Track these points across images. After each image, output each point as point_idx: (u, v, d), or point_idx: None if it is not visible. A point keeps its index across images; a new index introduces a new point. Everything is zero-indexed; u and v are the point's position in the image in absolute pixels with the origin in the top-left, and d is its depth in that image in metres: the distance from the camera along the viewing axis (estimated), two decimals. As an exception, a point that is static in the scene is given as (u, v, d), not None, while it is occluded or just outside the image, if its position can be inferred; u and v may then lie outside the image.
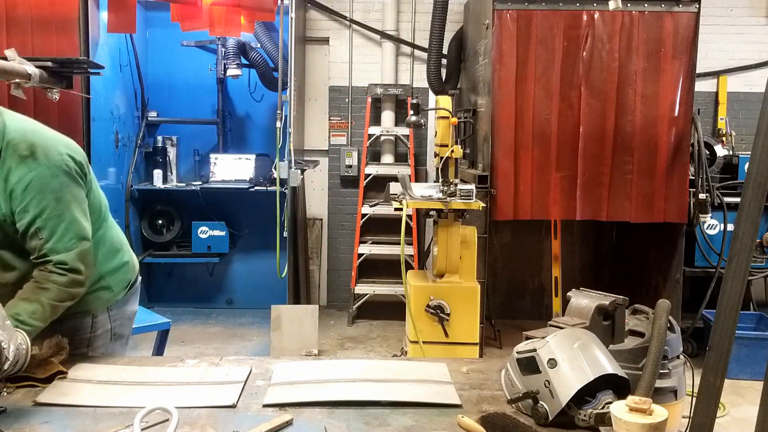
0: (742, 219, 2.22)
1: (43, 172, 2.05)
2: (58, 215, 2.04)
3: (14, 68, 3.31)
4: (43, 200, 2.01)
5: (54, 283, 2.03)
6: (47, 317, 2.04)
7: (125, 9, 4.67)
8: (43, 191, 2.02)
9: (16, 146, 2.05)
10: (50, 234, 2.02)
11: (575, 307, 2.30)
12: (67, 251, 2.04)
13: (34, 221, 2.01)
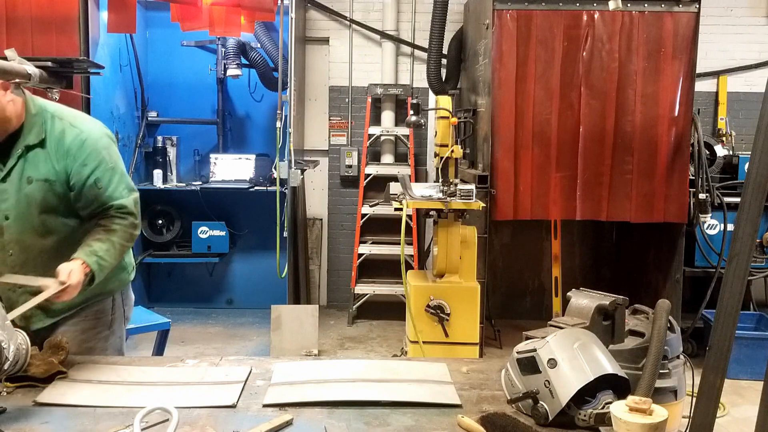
0: (742, 219, 2.22)
1: (93, 133, 2.29)
2: (112, 168, 2.29)
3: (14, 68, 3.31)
4: (98, 155, 2.25)
5: (119, 225, 2.27)
6: (116, 256, 2.26)
7: (125, 9, 4.67)
8: (97, 148, 2.26)
9: (61, 115, 2.28)
10: (108, 183, 2.26)
11: (575, 307, 2.30)
12: (123, 198, 2.29)
13: (93, 173, 2.23)
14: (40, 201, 2.22)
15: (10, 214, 2.21)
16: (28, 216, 2.22)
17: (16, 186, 2.20)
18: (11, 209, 2.21)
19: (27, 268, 2.24)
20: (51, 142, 2.22)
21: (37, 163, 2.21)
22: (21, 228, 2.23)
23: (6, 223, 2.21)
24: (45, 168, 2.21)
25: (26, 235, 2.24)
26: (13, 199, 2.20)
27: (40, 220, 2.24)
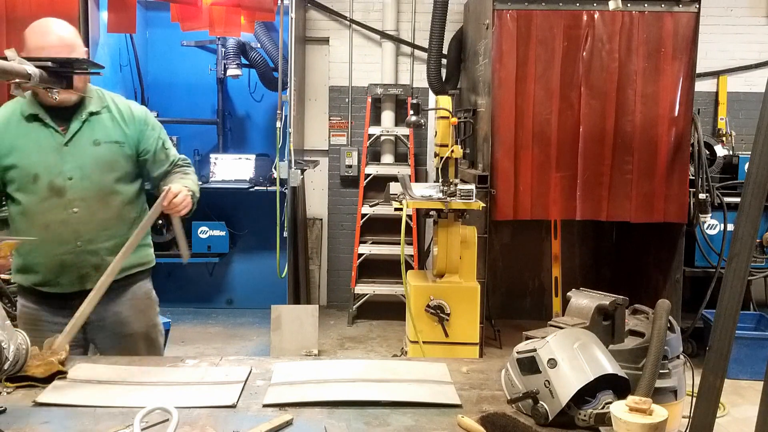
0: (742, 219, 2.22)
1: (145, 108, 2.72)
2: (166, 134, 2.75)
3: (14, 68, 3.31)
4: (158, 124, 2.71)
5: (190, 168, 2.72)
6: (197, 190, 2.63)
7: (125, 9, 4.67)
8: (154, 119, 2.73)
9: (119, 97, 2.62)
10: (169, 145, 2.70)
11: (575, 307, 2.30)
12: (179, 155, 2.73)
13: (159, 136, 2.66)
14: (109, 161, 2.46)
15: (74, 175, 2.40)
16: (92, 177, 2.42)
17: (81, 149, 2.42)
18: (75, 170, 2.40)
19: (90, 227, 2.44)
20: (117, 111, 2.52)
21: (104, 128, 2.47)
22: (85, 188, 2.41)
23: (69, 183, 2.39)
24: (114, 132, 2.49)
25: (90, 195, 2.43)
26: (78, 161, 2.40)
27: (105, 181, 2.45)
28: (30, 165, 2.38)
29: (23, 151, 2.38)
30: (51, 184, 2.39)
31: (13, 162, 2.38)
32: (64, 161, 2.40)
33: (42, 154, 2.39)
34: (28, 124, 2.40)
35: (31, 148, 2.39)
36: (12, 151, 2.38)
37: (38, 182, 2.38)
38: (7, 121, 2.41)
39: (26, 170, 2.38)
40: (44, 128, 2.41)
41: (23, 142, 2.39)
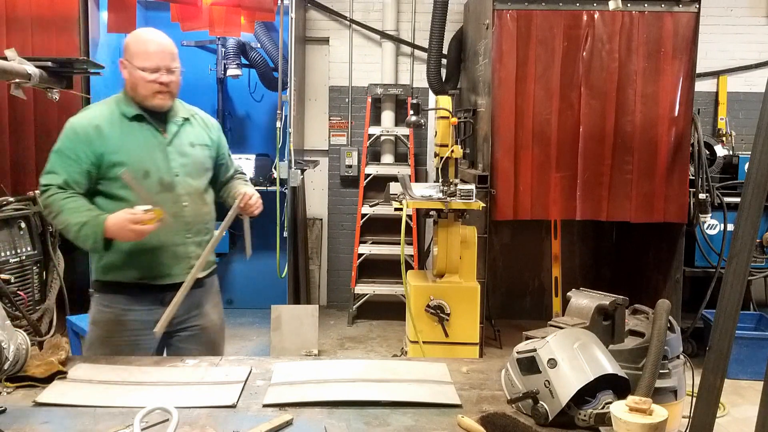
0: (742, 219, 2.21)
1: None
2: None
3: (14, 68, 3.31)
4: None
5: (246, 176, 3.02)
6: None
7: (125, 9, 4.67)
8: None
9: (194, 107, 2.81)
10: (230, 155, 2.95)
11: (575, 307, 2.30)
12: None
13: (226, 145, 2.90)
14: (202, 162, 2.68)
15: (180, 172, 2.57)
16: (193, 175, 2.62)
17: (181, 149, 2.60)
18: (180, 168, 2.58)
19: (197, 220, 2.63)
20: (199, 119, 2.74)
21: (195, 132, 2.68)
22: (189, 185, 2.60)
23: (177, 179, 2.56)
24: (203, 136, 2.71)
25: (193, 192, 2.62)
26: (180, 159, 2.58)
27: (201, 180, 2.67)
28: (140, 161, 2.49)
29: (131, 148, 2.49)
30: (161, 180, 2.52)
31: (122, 159, 2.46)
32: (170, 159, 2.55)
33: (150, 152, 2.53)
34: (131, 124, 2.53)
35: (139, 146, 2.51)
36: (120, 149, 2.47)
37: (149, 178, 2.50)
38: (110, 121, 2.51)
39: (137, 166, 2.48)
40: (148, 129, 2.55)
41: (130, 140, 2.50)
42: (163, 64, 2.50)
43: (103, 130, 2.48)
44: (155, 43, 2.52)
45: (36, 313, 3.94)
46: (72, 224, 2.37)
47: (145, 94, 2.50)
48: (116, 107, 2.55)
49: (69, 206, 2.39)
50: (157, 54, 2.49)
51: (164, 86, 2.50)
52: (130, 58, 2.52)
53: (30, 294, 3.96)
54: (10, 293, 3.61)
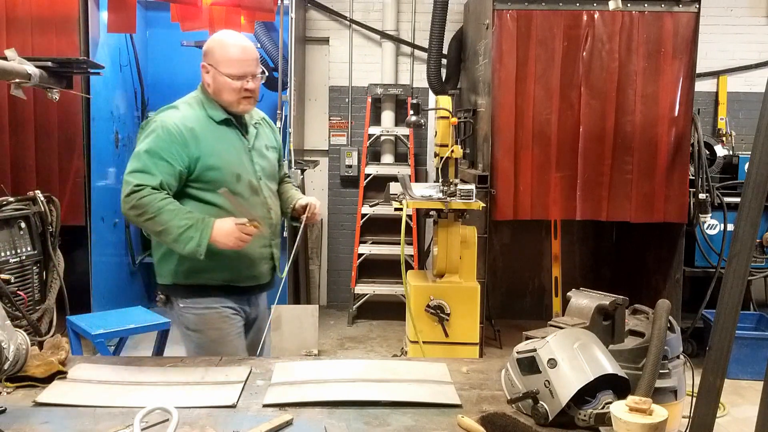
0: (742, 219, 2.21)
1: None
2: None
3: (14, 68, 3.31)
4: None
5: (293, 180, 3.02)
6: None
7: (125, 9, 4.67)
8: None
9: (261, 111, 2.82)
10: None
11: (575, 307, 2.30)
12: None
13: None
14: (275, 164, 2.72)
15: (262, 175, 2.60)
16: (271, 178, 2.67)
17: (260, 152, 2.63)
18: (261, 171, 2.60)
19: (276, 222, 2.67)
20: (267, 122, 2.76)
21: (267, 135, 2.71)
22: (269, 188, 2.64)
23: (261, 183, 2.59)
24: (272, 139, 2.75)
25: (272, 195, 2.67)
26: (261, 162, 2.61)
27: (275, 181, 2.72)
28: (232, 165, 2.49)
29: (223, 152, 2.49)
30: (250, 184, 2.54)
31: (216, 163, 2.45)
32: (254, 163, 2.57)
33: (239, 156, 2.53)
34: (219, 128, 2.52)
35: (230, 150, 2.51)
36: (214, 152, 2.46)
37: (241, 181, 2.51)
38: (201, 124, 2.49)
39: (230, 170, 2.48)
40: (234, 132, 2.55)
41: (222, 144, 2.50)
42: (249, 70, 2.49)
43: (197, 133, 2.45)
44: (241, 49, 2.51)
45: (36, 313, 3.94)
46: (174, 226, 2.31)
47: (230, 100, 2.49)
48: (202, 110, 2.53)
49: (169, 208, 2.34)
50: (243, 61, 2.49)
51: (249, 92, 2.50)
52: (214, 64, 2.52)
53: (30, 294, 3.97)
54: (10, 293, 3.61)
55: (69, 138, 4.86)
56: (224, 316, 2.55)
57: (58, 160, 4.86)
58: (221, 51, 2.53)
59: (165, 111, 2.53)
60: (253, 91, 2.52)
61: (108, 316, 4.26)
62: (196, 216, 2.35)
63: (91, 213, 4.88)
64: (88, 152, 4.87)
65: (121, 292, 5.71)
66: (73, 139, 4.86)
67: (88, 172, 4.87)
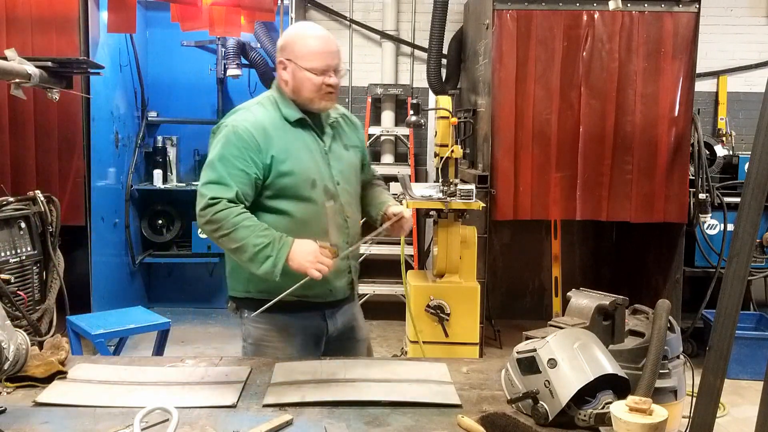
0: (742, 219, 2.21)
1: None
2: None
3: (14, 68, 3.32)
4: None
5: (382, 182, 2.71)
6: None
7: (125, 9, 4.67)
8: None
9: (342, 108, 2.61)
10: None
11: (575, 307, 2.30)
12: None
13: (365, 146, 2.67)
14: (355, 165, 2.52)
15: (339, 180, 2.40)
16: (350, 180, 2.46)
17: (338, 153, 2.43)
18: (339, 175, 2.40)
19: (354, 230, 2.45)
20: (348, 119, 2.55)
21: (346, 134, 2.50)
22: (348, 192, 2.44)
23: (339, 189, 2.40)
24: (353, 137, 2.54)
25: (351, 200, 2.46)
26: (339, 166, 2.41)
27: (356, 185, 2.51)
28: (307, 170, 2.31)
29: (298, 156, 2.31)
30: (326, 189, 2.34)
31: (291, 168, 2.29)
32: (330, 166, 2.38)
33: (314, 159, 2.34)
34: (294, 129, 2.34)
35: (304, 153, 2.33)
36: (288, 157, 2.29)
37: (316, 188, 2.32)
38: (274, 125, 2.32)
39: (304, 175, 2.30)
40: (309, 133, 2.37)
41: (296, 146, 2.32)
42: (333, 63, 2.31)
43: (270, 137, 2.28)
44: (322, 42, 2.32)
45: (36, 313, 3.95)
46: (251, 244, 2.14)
47: (311, 96, 2.31)
48: (275, 110, 2.35)
49: (245, 224, 2.17)
50: (325, 54, 2.29)
51: (332, 88, 2.32)
52: (294, 59, 2.30)
53: (30, 294, 3.97)
54: (10, 293, 3.61)
55: (69, 138, 4.86)
56: (288, 335, 2.41)
57: (58, 160, 4.86)
58: (302, 44, 2.31)
59: (235, 114, 2.36)
60: (335, 86, 2.33)
61: (108, 316, 4.26)
62: (273, 234, 2.17)
63: (91, 213, 4.89)
64: (88, 152, 4.88)
65: (121, 292, 5.71)
66: (73, 139, 4.86)
67: (88, 172, 4.87)
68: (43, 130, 4.84)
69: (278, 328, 2.42)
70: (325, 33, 2.36)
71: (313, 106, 2.35)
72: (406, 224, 2.41)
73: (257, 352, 2.46)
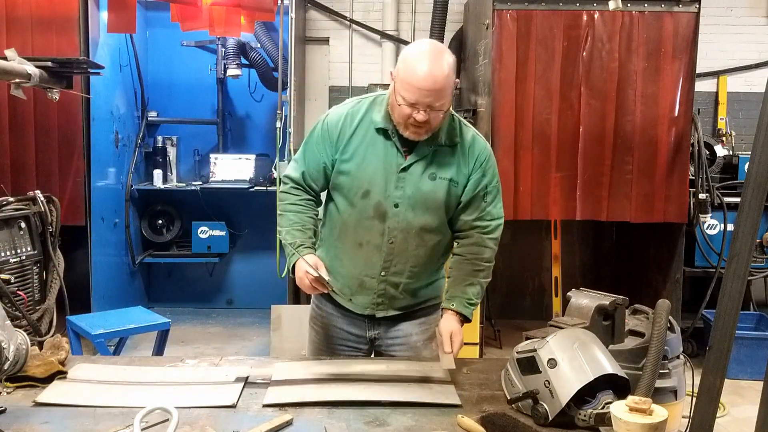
0: (742, 219, 2.21)
1: (491, 149, 2.41)
2: (498, 187, 2.38)
3: (14, 68, 3.32)
4: (495, 171, 2.37)
5: (484, 264, 2.43)
6: (482, 295, 2.43)
7: (125, 9, 4.67)
8: (495, 164, 2.39)
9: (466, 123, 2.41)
10: (492, 199, 2.35)
11: (575, 307, 2.30)
12: (500, 217, 2.38)
13: (488, 185, 2.33)
14: (438, 198, 2.28)
15: (401, 203, 2.26)
16: (417, 210, 2.27)
17: (416, 177, 2.26)
18: (404, 199, 2.26)
19: (401, 259, 2.31)
20: (462, 146, 2.31)
21: (444, 162, 2.28)
22: (407, 219, 2.27)
23: (394, 211, 2.26)
24: (452, 168, 2.29)
25: (409, 228, 2.28)
26: (409, 190, 2.26)
27: (426, 216, 2.29)
28: (365, 177, 2.26)
29: (363, 161, 2.27)
30: (378, 205, 2.26)
31: (350, 168, 2.27)
32: (397, 186, 2.25)
33: (380, 172, 2.25)
34: (376, 136, 2.28)
35: (372, 161, 2.26)
36: (353, 157, 2.27)
37: (367, 199, 2.26)
38: (359, 125, 2.30)
39: (360, 181, 2.26)
40: (389, 146, 2.27)
41: (366, 151, 2.27)
42: (425, 101, 2.12)
43: (349, 132, 2.29)
44: (422, 76, 2.11)
45: (36, 313, 3.95)
46: (285, 233, 2.27)
47: (397, 121, 2.22)
48: (370, 110, 2.33)
49: (290, 216, 2.30)
50: (420, 91, 2.11)
51: (418, 123, 2.16)
52: (396, 77, 2.22)
53: (30, 294, 3.97)
54: (10, 293, 3.62)
55: (69, 138, 4.86)
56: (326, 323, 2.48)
57: (58, 160, 4.86)
58: (406, 67, 2.17)
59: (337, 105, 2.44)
60: (422, 123, 2.16)
61: (108, 316, 4.26)
62: (297, 240, 2.21)
63: (91, 213, 4.89)
64: (88, 152, 4.88)
65: (121, 292, 5.72)
66: (73, 139, 4.86)
67: (88, 172, 4.87)
68: (43, 130, 4.84)
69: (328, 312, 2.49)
70: (435, 65, 2.13)
71: (399, 130, 2.25)
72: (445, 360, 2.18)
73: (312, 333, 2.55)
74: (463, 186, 2.31)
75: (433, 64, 2.13)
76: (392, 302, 2.39)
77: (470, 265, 2.38)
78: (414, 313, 2.46)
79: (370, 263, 2.31)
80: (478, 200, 2.33)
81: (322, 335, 2.50)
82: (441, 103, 2.15)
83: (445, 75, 2.14)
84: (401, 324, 2.46)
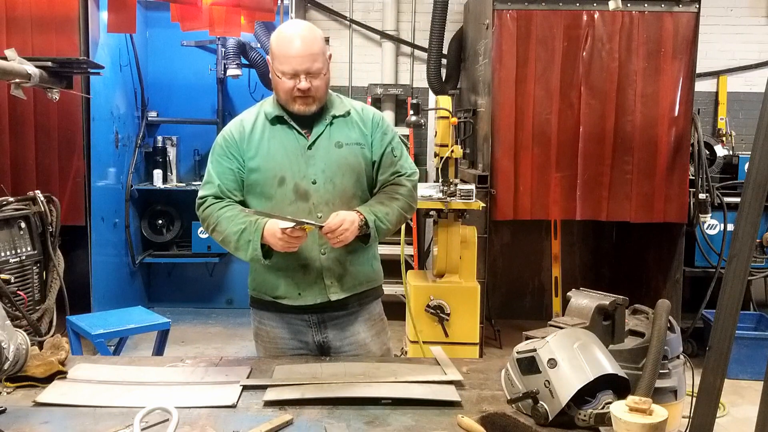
0: (742, 219, 2.21)
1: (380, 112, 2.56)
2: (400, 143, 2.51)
3: (14, 68, 3.32)
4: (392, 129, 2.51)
5: (402, 195, 2.41)
6: (394, 223, 2.40)
7: (125, 9, 4.67)
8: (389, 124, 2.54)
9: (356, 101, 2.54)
10: (400, 154, 2.47)
11: (575, 307, 2.30)
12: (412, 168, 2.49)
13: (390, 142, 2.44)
14: (351, 163, 2.36)
15: (318, 179, 2.32)
16: (335, 180, 2.34)
17: (324, 151, 2.34)
18: (319, 174, 2.32)
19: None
20: (356, 114, 2.42)
21: (345, 130, 2.38)
22: (328, 191, 2.33)
23: (313, 187, 2.32)
24: (355, 133, 2.39)
25: (333, 199, 2.33)
26: (321, 164, 2.33)
27: (346, 184, 2.36)
28: (275, 167, 2.32)
29: (268, 153, 2.33)
30: (296, 187, 2.31)
31: (259, 163, 2.32)
32: (308, 164, 2.32)
33: (288, 157, 2.32)
34: (272, 127, 2.35)
35: (277, 151, 2.33)
36: (258, 152, 2.33)
37: (284, 185, 2.31)
38: (255, 123, 2.37)
39: (272, 172, 2.32)
40: (289, 131, 2.35)
41: (269, 144, 2.34)
42: (302, 68, 2.21)
43: (248, 133, 2.35)
44: (294, 44, 2.22)
45: (36, 313, 3.94)
46: (231, 233, 2.24)
47: (285, 99, 2.30)
48: (261, 110, 2.40)
49: (225, 215, 2.28)
50: (295, 58, 2.21)
51: (303, 92, 2.25)
52: (271, 59, 2.29)
53: (30, 294, 3.97)
54: (10, 293, 3.61)
55: (69, 138, 4.86)
56: (272, 337, 2.47)
57: (58, 160, 4.86)
58: (276, 45, 2.26)
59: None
60: (306, 90, 2.25)
61: (108, 316, 4.27)
62: (249, 218, 2.23)
63: (91, 213, 4.89)
64: (88, 152, 4.88)
65: (121, 292, 5.72)
66: (73, 139, 4.87)
67: (88, 172, 4.87)
68: (43, 130, 4.84)
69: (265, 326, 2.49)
70: (302, 33, 2.25)
71: (289, 108, 2.32)
72: (335, 237, 2.19)
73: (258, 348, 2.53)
74: (370, 146, 2.41)
75: (301, 32, 2.27)
76: (341, 281, 2.42)
77: (385, 193, 2.42)
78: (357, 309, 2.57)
79: (307, 246, 2.30)
80: (389, 156, 2.43)
81: (271, 350, 2.48)
82: (318, 67, 2.25)
83: (313, 38, 2.26)
84: (346, 325, 2.51)
